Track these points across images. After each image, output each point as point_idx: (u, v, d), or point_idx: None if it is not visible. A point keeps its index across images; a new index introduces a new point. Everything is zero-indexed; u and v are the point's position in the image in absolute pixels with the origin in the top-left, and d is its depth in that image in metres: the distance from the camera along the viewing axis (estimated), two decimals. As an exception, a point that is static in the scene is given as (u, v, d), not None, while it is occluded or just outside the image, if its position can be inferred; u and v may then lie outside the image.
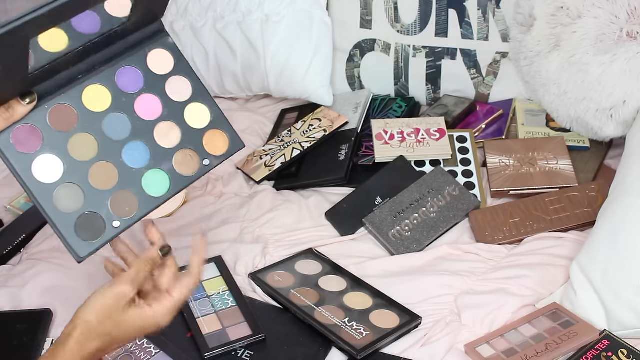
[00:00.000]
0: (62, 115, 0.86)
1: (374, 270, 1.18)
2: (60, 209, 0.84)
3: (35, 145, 0.84)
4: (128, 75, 0.91)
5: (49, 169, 0.84)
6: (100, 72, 0.89)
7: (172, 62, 0.94)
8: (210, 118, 0.95)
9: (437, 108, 1.55)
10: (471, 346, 1.01)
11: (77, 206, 0.84)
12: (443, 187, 1.30)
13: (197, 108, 0.95)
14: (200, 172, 0.93)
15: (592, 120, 1.33)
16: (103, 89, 0.89)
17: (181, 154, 0.92)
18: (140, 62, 0.92)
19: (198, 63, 1.64)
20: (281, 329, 1.07)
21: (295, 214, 1.32)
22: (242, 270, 1.19)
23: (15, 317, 1.10)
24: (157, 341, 1.03)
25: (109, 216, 0.86)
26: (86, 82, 0.88)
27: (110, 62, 0.90)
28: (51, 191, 0.84)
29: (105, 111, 0.89)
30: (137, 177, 0.89)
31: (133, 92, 0.91)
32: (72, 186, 0.85)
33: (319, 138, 1.46)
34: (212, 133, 0.95)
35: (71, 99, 0.87)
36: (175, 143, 0.92)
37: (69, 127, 0.86)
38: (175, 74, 0.94)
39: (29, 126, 0.84)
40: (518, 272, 1.13)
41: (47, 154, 0.84)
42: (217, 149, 0.95)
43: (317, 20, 1.56)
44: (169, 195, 0.90)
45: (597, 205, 1.21)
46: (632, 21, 1.26)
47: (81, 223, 0.84)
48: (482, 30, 1.51)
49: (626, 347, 0.97)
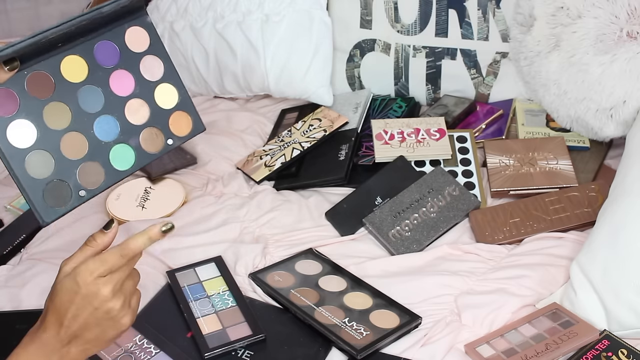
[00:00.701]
0: (39, 83, 0.87)
1: (374, 270, 1.18)
2: (30, 174, 0.85)
3: (11, 110, 0.85)
4: (105, 50, 0.93)
5: (23, 134, 0.85)
6: (80, 43, 0.91)
7: (148, 41, 0.96)
8: (177, 100, 0.97)
9: (437, 108, 1.55)
10: (471, 346, 1.01)
11: (47, 173, 0.86)
12: (443, 187, 1.30)
13: (166, 89, 0.97)
14: (163, 150, 0.95)
15: (592, 120, 1.33)
16: (81, 61, 0.91)
17: (148, 132, 0.94)
18: (119, 37, 0.94)
19: (198, 63, 1.64)
20: (281, 329, 1.07)
21: (295, 214, 1.32)
22: (242, 270, 1.19)
23: (15, 317, 1.10)
24: (157, 341, 1.03)
25: (76, 185, 0.87)
26: (65, 52, 0.89)
27: (90, 34, 0.91)
28: (23, 156, 0.85)
29: (81, 82, 0.90)
30: (105, 150, 0.90)
31: (109, 66, 0.92)
32: (43, 153, 0.86)
33: (319, 138, 1.46)
34: (178, 114, 0.97)
35: (50, 67, 0.88)
36: (143, 120, 0.94)
37: (46, 94, 0.87)
38: (149, 53, 0.96)
39: (7, 90, 0.85)
40: (518, 272, 1.13)
41: (22, 119, 0.85)
42: (181, 130, 0.97)
43: (317, 20, 1.57)
44: (132, 170, 0.92)
45: (597, 205, 1.21)
46: (632, 21, 1.26)
47: (49, 189, 0.86)
48: (482, 30, 1.51)
49: (626, 347, 0.97)
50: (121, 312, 0.84)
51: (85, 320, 0.82)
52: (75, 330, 0.82)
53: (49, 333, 0.83)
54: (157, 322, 1.07)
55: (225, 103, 1.70)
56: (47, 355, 0.83)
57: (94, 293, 0.82)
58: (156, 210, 1.32)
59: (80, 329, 0.82)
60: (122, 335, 0.86)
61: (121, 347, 1.03)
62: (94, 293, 0.82)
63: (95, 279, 0.81)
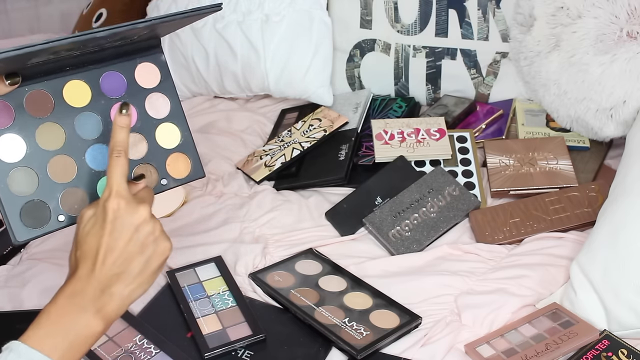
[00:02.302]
0: (38, 101, 0.87)
1: (374, 270, 1.18)
2: (11, 189, 0.84)
3: (5, 123, 0.85)
4: (113, 80, 0.92)
5: (12, 148, 0.85)
6: (87, 70, 0.90)
7: (159, 78, 0.96)
8: (179, 141, 0.96)
9: (437, 108, 1.55)
10: (471, 346, 1.01)
11: (28, 191, 0.85)
12: (443, 187, 1.30)
13: (169, 128, 0.96)
14: (155, 189, 0.93)
15: (592, 120, 1.33)
16: (85, 87, 0.90)
17: (142, 168, 0.93)
18: (129, 70, 0.93)
19: (198, 63, 1.64)
20: (281, 329, 1.07)
21: (295, 214, 1.32)
22: (242, 270, 1.19)
23: (15, 317, 1.10)
24: (157, 341, 1.03)
25: (56, 209, 0.86)
26: (71, 75, 0.89)
27: (100, 63, 0.91)
28: (8, 170, 0.84)
29: (81, 108, 0.90)
30: (94, 178, 0.89)
31: (113, 97, 0.92)
32: (29, 171, 0.86)
33: (319, 138, 1.46)
34: (177, 156, 0.96)
35: (52, 88, 0.88)
36: (139, 156, 0.93)
37: (42, 114, 0.87)
38: (158, 90, 0.95)
39: (4, 103, 0.85)
40: (518, 272, 1.13)
41: (14, 134, 0.85)
42: (178, 172, 0.96)
43: (317, 20, 1.57)
44: None
45: (597, 205, 1.21)
46: (632, 21, 1.26)
47: (28, 208, 0.85)
48: (482, 30, 1.51)
49: (626, 347, 0.97)
50: (162, 233, 0.77)
51: (126, 250, 0.73)
52: (116, 265, 0.72)
53: (82, 280, 0.72)
54: (157, 322, 1.07)
55: (225, 103, 1.70)
56: (84, 307, 0.72)
57: (131, 213, 0.74)
58: (156, 210, 1.30)
59: (121, 262, 0.73)
60: (164, 265, 0.76)
61: (121, 347, 1.03)
62: (131, 213, 0.74)
63: (126, 199, 0.74)
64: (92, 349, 1.02)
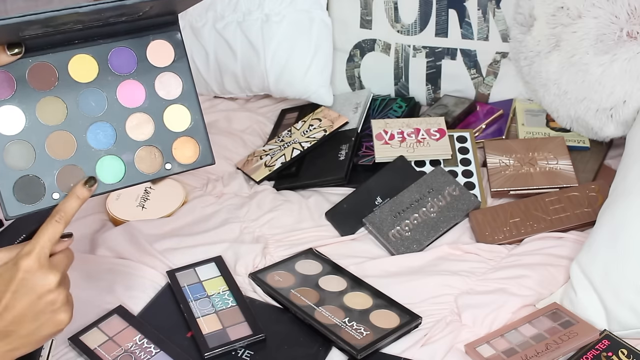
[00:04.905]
0: (42, 74, 0.84)
1: (374, 270, 1.18)
2: (6, 162, 0.81)
3: (5, 94, 0.82)
4: (122, 56, 0.88)
5: (11, 120, 0.82)
6: (96, 44, 0.86)
7: (173, 57, 0.91)
8: (189, 124, 0.92)
9: (437, 108, 1.55)
10: (471, 346, 1.01)
11: (24, 165, 0.82)
12: (443, 187, 1.30)
13: (179, 110, 0.91)
14: (158, 173, 0.89)
15: (592, 120, 1.33)
16: (92, 62, 0.87)
17: (146, 150, 0.89)
18: (140, 47, 0.89)
19: (198, 63, 1.64)
20: (281, 329, 1.07)
21: (295, 214, 1.32)
22: (242, 270, 1.19)
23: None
24: (157, 341, 1.03)
25: (51, 186, 0.83)
26: (79, 49, 0.85)
27: (110, 38, 0.87)
28: (4, 142, 0.82)
29: (86, 83, 0.86)
30: (93, 157, 0.86)
31: (122, 74, 0.88)
32: (26, 144, 0.83)
33: (319, 138, 1.46)
34: (185, 140, 0.91)
35: (57, 61, 0.84)
36: (144, 137, 0.89)
37: (45, 87, 0.84)
38: (170, 70, 0.91)
39: (6, 73, 0.82)
40: (518, 272, 1.13)
41: (14, 106, 0.82)
42: (184, 158, 0.91)
43: (317, 20, 1.56)
44: (117, 186, 0.87)
45: (597, 205, 1.21)
46: (632, 21, 1.26)
47: (21, 183, 0.82)
48: (482, 30, 1.51)
49: (626, 347, 0.97)
50: (64, 305, 0.74)
51: (22, 313, 0.71)
52: (7, 322, 0.72)
53: None
54: (157, 322, 1.07)
55: (225, 103, 1.70)
56: None
57: (40, 278, 0.72)
58: (156, 210, 1.32)
59: (14, 322, 0.72)
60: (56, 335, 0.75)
61: (121, 347, 1.03)
62: (40, 278, 0.72)
63: (41, 263, 0.72)
64: (92, 348, 1.02)
